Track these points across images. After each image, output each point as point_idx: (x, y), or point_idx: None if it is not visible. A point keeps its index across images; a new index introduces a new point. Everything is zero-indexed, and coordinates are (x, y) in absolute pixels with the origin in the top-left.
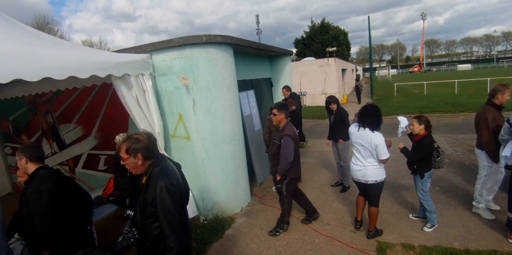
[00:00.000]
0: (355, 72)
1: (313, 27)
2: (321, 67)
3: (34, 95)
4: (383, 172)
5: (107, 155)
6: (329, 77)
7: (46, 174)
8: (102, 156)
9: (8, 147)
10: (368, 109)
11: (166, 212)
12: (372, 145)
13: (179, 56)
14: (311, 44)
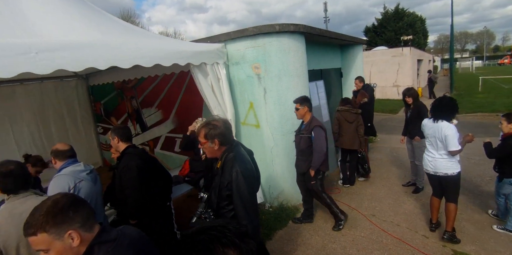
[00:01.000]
0: (432, 63)
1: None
2: (393, 57)
3: (122, 82)
4: (456, 166)
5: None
6: (403, 68)
7: (135, 152)
8: (177, 139)
9: (99, 127)
10: (442, 100)
11: (241, 196)
12: (442, 135)
13: (252, 45)
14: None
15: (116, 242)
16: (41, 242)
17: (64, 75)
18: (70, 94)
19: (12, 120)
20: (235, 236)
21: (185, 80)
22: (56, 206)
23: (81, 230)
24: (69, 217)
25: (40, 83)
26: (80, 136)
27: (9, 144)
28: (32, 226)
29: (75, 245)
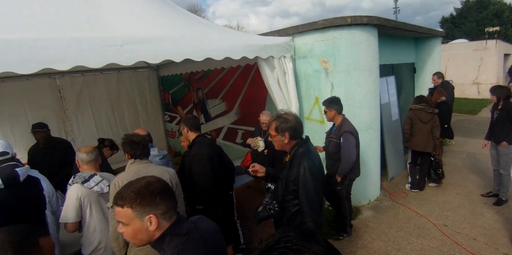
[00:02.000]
0: None
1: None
2: (475, 51)
3: (190, 73)
4: None
5: (244, 130)
6: (486, 64)
7: (204, 141)
8: (239, 131)
9: (167, 115)
10: None
11: (307, 192)
12: None
13: (321, 39)
14: (462, 23)
15: (187, 236)
16: (124, 215)
17: (138, 66)
18: (143, 83)
19: (92, 106)
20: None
21: (250, 73)
22: (148, 188)
23: (161, 217)
24: (155, 202)
25: (117, 73)
26: (149, 123)
27: (91, 127)
28: (123, 199)
29: (151, 229)
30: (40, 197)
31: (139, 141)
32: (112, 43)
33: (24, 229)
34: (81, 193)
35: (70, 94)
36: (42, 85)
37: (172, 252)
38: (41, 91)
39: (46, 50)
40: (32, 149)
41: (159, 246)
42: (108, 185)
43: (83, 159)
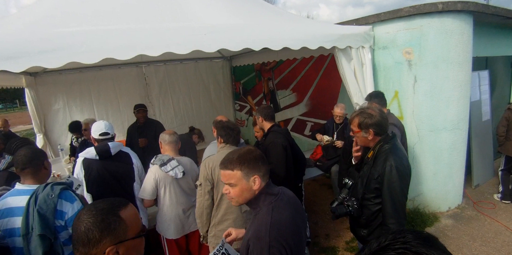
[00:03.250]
0: None
1: None
2: None
3: (261, 64)
4: None
5: (313, 122)
6: None
7: (279, 131)
8: (308, 123)
9: (237, 104)
10: None
11: (392, 192)
12: None
13: (405, 28)
14: None
15: (278, 196)
16: (233, 177)
17: (213, 56)
18: (217, 73)
19: (172, 92)
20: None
21: (324, 64)
22: (252, 154)
23: (262, 178)
24: (258, 165)
25: (195, 63)
26: (221, 110)
27: (170, 112)
28: (233, 163)
29: (255, 188)
30: (129, 169)
31: (234, 127)
32: (197, 32)
33: (105, 206)
34: (158, 175)
35: (154, 81)
36: (131, 73)
37: (267, 208)
38: (130, 79)
39: (140, 39)
40: (131, 128)
41: (255, 203)
42: (182, 171)
43: (165, 140)
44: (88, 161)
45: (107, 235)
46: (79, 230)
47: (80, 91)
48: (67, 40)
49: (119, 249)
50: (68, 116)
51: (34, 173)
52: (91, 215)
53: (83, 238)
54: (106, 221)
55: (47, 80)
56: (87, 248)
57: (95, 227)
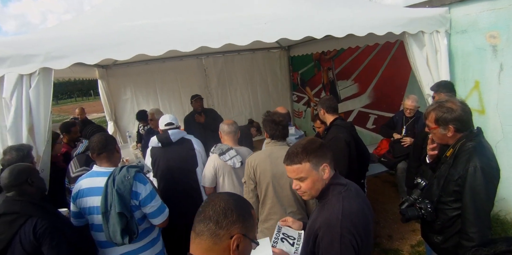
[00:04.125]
0: None
1: None
2: None
3: (321, 53)
4: None
5: (377, 115)
6: None
7: (342, 124)
8: (372, 115)
9: (294, 95)
10: None
11: (475, 197)
12: None
13: (489, 8)
14: None
15: (347, 186)
16: (303, 169)
17: (270, 46)
18: (274, 63)
19: (230, 83)
20: None
21: (390, 51)
22: (315, 143)
23: (330, 166)
24: (323, 152)
25: (252, 53)
26: (278, 101)
27: (227, 102)
28: (299, 156)
29: (325, 177)
30: (191, 155)
31: (279, 121)
32: (257, 21)
33: (242, 198)
34: (217, 163)
35: (213, 72)
36: (191, 65)
37: (337, 198)
38: (191, 70)
39: (201, 31)
40: (188, 118)
41: (325, 194)
42: (240, 161)
43: (224, 130)
44: (154, 149)
45: (241, 221)
46: (217, 206)
47: (146, 82)
48: (134, 33)
49: (241, 242)
50: (135, 106)
51: (109, 157)
52: (233, 199)
53: (219, 215)
54: (244, 209)
55: (116, 72)
56: (217, 226)
57: (235, 209)
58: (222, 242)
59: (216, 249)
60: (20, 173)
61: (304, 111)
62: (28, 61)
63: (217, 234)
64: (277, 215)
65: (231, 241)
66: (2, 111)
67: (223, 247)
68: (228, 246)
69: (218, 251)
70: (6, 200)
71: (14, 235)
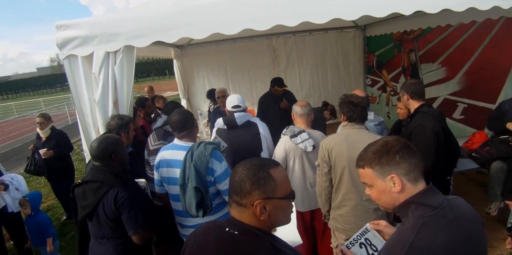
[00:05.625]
0: None
1: None
2: None
3: (403, 33)
4: None
5: (467, 104)
6: None
7: (430, 112)
8: (460, 104)
9: (368, 78)
10: None
11: None
12: None
13: None
14: None
15: (438, 211)
16: (366, 176)
17: (344, 26)
18: (347, 44)
19: (299, 65)
20: None
21: (491, 31)
22: (385, 147)
23: (404, 178)
24: (394, 161)
25: (324, 33)
26: (350, 85)
27: (296, 84)
28: (362, 160)
29: (394, 190)
30: (256, 139)
31: (357, 102)
32: None
33: (257, 162)
34: (288, 146)
35: (282, 53)
36: (261, 45)
37: (415, 222)
38: (260, 50)
39: (276, 8)
40: (264, 98)
41: (403, 211)
42: (313, 144)
43: (297, 112)
44: (219, 131)
45: (256, 188)
46: (234, 180)
47: (217, 62)
48: (209, 12)
49: (266, 204)
50: (206, 85)
51: (188, 133)
52: (245, 168)
53: (236, 188)
54: (257, 175)
55: (190, 52)
56: (239, 197)
57: (247, 179)
58: (248, 209)
59: (246, 215)
60: (106, 149)
61: (378, 96)
62: (113, 39)
63: (240, 204)
64: (352, 202)
65: (254, 208)
66: (92, 86)
67: (250, 214)
68: (254, 212)
69: (248, 216)
70: (93, 169)
71: (98, 201)
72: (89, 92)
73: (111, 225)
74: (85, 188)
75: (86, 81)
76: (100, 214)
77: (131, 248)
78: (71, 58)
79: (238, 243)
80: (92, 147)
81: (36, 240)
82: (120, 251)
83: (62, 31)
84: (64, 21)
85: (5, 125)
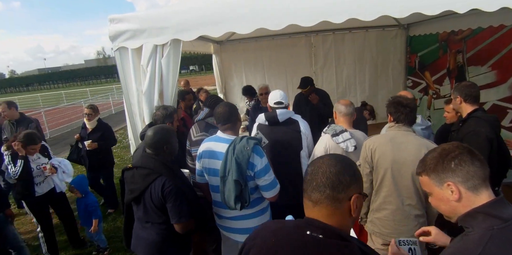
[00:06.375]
0: None
1: None
2: None
3: (450, 33)
4: None
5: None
6: None
7: (484, 118)
8: (511, 111)
9: (410, 80)
10: None
11: None
12: None
13: None
14: None
15: (509, 224)
16: (424, 183)
17: (386, 24)
18: (388, 43)
19: (337, 63)
20: None
21: None
22: (442, 154)
23: (462, 186)
24: (449, 168)
25: (365, 32)
26: (388, 86)
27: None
28: (420, 167)
29: (452, 199)
30: (296, 137)
31: (406, 103)
32: None
33: (341, 157)
34: (328, 145)
35: (320, 51)
36: (299, 43)
37: (482, 234)
38: (298, 48)
39: (323, 4)
40: (299, 96)
41: (468, 221)
42: (354, 145)
43: (340, 111)
44: (260, 126)
45: (354, 181)
46: (327, 173)
47: (255, 59)
48: (254, 7)
49: (358, 200)
50: (243, 81)
51: (232, 126)
52: (339, 160)
53: (333, 181)
54: (353, 168)
55: (229, 48)
56: (335, 191)
57: (346, 171)
58: (343, 205)
59: (338, 212)
60: (160, 140)
61: (419, 99)
62: (162, 33)
63: (336, 199)
64: (393, 206)
65: (351, 203)
66: (140, 77)
67: (344, 210)
68: (349, 207)
69: (340, 214)
70: (144, 156)
71: (146, 188)
72: (137, 83)
73: (156, 211)
74: (135, 173)
75: (134, 73)
76: (146, 199)
77: (172, 235)
78: (121, 50)
79: (325, 249)
80: (148, 136)
81: (84, 220)
82: (163, 235)
83: (115, 24)
84: (117, 15)
85: (55, 112)
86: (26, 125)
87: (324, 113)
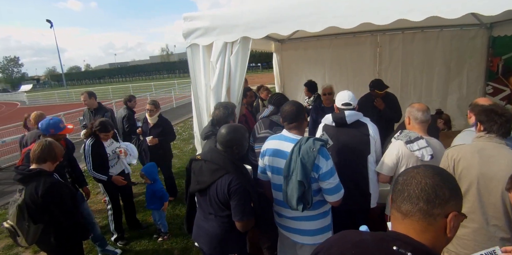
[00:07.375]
0: None
1: None
2: None
3: None
4: None
5: None
6: None
7: None
8: None
9: (489, 86)
10: None
11: None
12: None
13: None
14: None
15: None
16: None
17: (465, 23)
18: (465, 44)
19: (403, 64)
20: None
21: None
22: None
23: None
24: None
25: (439, 31)
26: (460, 92)
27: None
28: (509, 183)
29: None
30: (364, 140)
31: (501, 112)
32: None
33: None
34: (402, 152)
35: (386, 51)
36: (364, 42)
37: None
38: (362, 48)
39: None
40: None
41: None
42: (431, 153)
43: (417, 118)
44: (327, 127)
45: (454, 197)
46: (423, 184)
47: (316, 58)
48: (326, 3)
49: (456, 219)
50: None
51: (298, 126)
52: (437, 173)
53: (429, 194)
54: (453, 183)
55: (290, 46)
56: (430, 205)
57: (445, 185)
58: (437, 222)
59: (431, 229)
60: (231, 140)
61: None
62: (232, 30)
63: (430, 214)
64: (475, 224)
65: (448, 220)
66: (209, 73)
67: (438, 227)
68: (444, 225)
69: (433, 231)
70: (214, 150)
71: (213, 182)
72: (206, 79)
73: (220, 205)
74: (203, 166)
75: (204, 68)
76: (211, 193)
77: (233, 228)
78: (193, 47)
79: None
80: (221, 133)
81: (150, 203)
82: (224, 228)
83: (188, 22)
84: (191, 13)
85: None
86: (102, 113)
87: (392, 118)
